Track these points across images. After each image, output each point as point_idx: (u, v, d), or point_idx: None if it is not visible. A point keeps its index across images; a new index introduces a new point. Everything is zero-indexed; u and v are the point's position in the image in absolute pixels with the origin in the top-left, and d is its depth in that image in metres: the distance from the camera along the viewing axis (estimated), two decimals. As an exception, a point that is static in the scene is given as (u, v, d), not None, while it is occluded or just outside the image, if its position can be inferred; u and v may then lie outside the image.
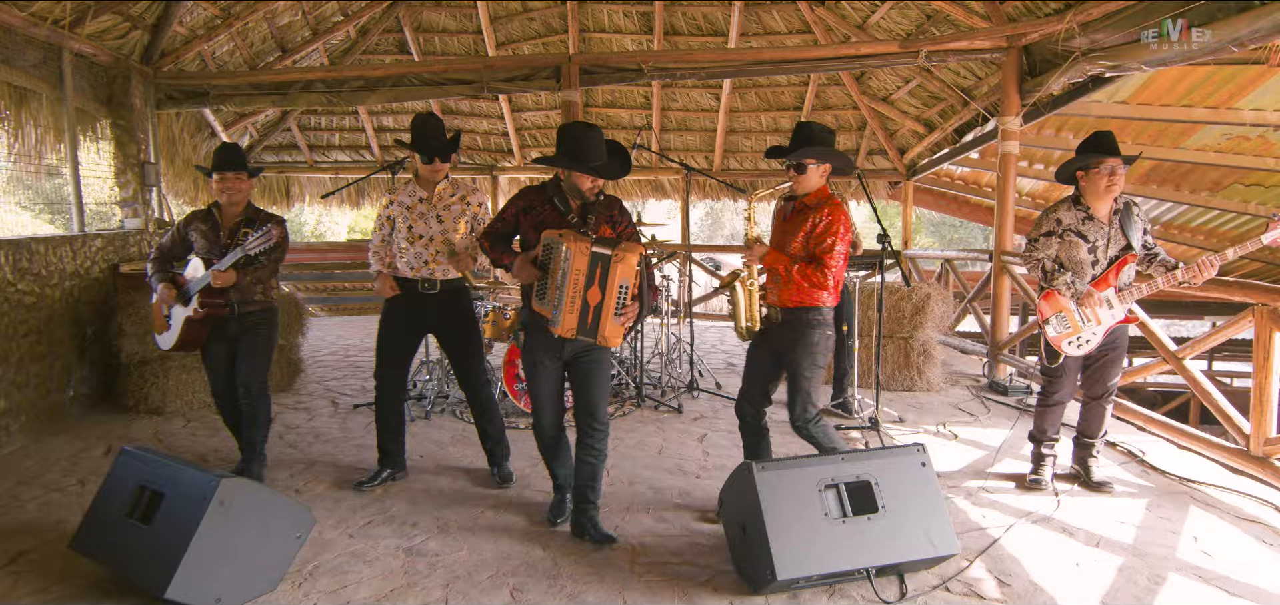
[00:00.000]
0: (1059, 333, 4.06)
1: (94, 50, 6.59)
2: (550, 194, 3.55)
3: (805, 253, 3.56)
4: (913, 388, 6.47)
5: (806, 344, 3.56)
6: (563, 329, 3.33)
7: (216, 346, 4.29)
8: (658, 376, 6.59)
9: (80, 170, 6.70)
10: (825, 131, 3.66)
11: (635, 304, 3.38)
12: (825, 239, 3.49)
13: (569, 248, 3.28)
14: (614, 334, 3.33)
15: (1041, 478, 4.27)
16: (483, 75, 7.44)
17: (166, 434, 5.33)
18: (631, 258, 3.26)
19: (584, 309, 3.30)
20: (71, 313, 5.75)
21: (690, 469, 4.61)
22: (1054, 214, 4.07)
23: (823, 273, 3.47)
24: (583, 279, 3.28)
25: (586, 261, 3.28)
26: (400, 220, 4.15)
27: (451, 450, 4.94)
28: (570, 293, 3.29)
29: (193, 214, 4.35)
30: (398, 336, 4.21)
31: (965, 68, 7.63)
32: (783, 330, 3.65)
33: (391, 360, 4.22)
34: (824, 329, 3.58)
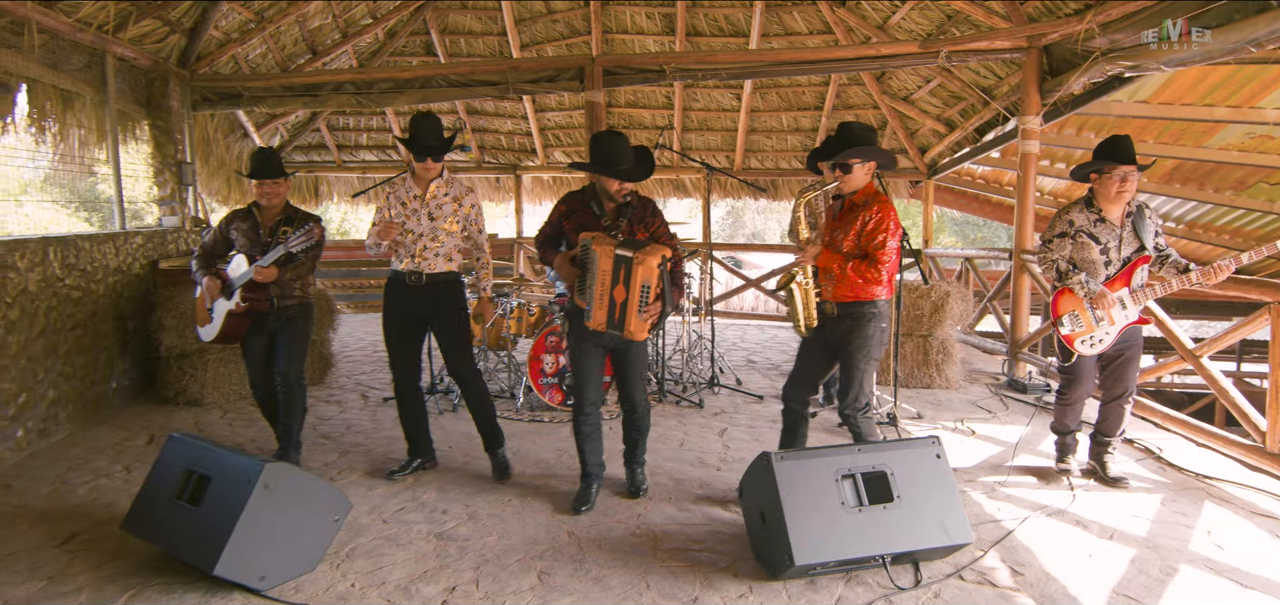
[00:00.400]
0: (1072, 331, 4.12)
1: (135, 54, 6.82)
2: (587, 199, 3.88)
3: (858, 249, 3.69)
4: (931, 385, 6.53)
5: (862, 336, 3.69)
6: (594, 323, 3.68)
7: (255, 338, 4.48)
8: (679, 372, 6.71)
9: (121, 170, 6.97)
10: (867, 130, 3.80)
11: (658, 303, 3.66)
12: (877, 236, 3.62)
13: (596, 250, 3.63)
14: (638, 329, 3.65)
15: (1069, 466, 4.38)
16: (508, 77, 7.59)
17: (205, 424, 5.53)
18: (652, 261, 3.57)
19: (611, 305, 3.64)
20: (114, 307, 5.97)
21: (711, 461, 4.73)
22: (1067, 215, 4.14)
23: (876, 268, 3.60)
24: (609, 279, 3.62)
25: (611, 263, 3.61)
26: (394, 217, 4.24)
27: (479, 441, 5.07)
28: (598, 291, 3.64)
29: (233, 213, 4.53)
30: (395, 325, 4.30)
31: (985, 67, 7.67)
32: (838, 324, 3.78)
33: (395, 347, 4.32)
34: (879, 321, 3.71)
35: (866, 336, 3.70)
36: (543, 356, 5.72)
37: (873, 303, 3.69)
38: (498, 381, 6.41)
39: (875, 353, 3.75)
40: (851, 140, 3.73)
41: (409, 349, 4.35)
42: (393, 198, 4.28)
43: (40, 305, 5.05)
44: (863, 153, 3.71)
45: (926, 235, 10.20)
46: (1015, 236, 6.93)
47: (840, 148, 3.75)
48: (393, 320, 4.29)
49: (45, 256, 5.14)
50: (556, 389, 5.73)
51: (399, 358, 4.33)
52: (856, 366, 3.73)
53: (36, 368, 5.00)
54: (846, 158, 3.71)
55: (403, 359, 4.34)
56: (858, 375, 3.75)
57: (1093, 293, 4.02)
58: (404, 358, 4.34)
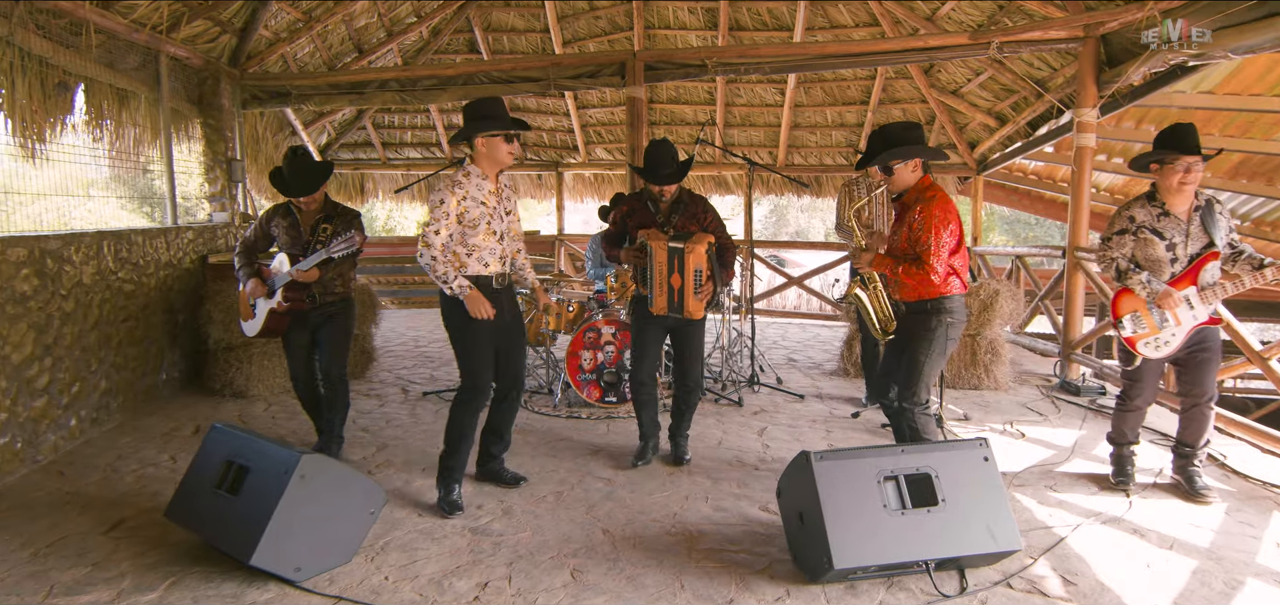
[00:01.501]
0: (1134, 333, 3.92)
1: (187, 53, 6.99)
2: (644, 199, 4.44)
3: (910, 252, 3.66)
4: (980, 386, 6.34)
5: (925, 332, 3.68)
6: (656, 308, 4.27)
7: (297, 333, 4.53)
8: (718, 370, 6.62)
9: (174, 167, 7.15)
10: (905, 128, 3.77)
11: (709, 284, 4.20)
12: (922, 237, 3.58)
13: (652, 245, 4.22)
14: (695, 308, 4.22)
15: (1128, 478, 4.16)
16: (550, 73, 7.59)
17: (249, 416, 5.62)
18: (700, 249, 4.14)
19: (670, 291, 4.22)
20: (164, 300, 6.12)
21: (749, 460, 4.64)
22: (1128, 211, 3.94)
23: (923, 272, 3.56)
24: (665, 269, 4.21)
25: (665, 255, 4.20)
26: (477, 214, 3.76)
27: (516, 438, 5.06)
28: (658, 280, 4.23)
29: (274, 209, 4.56)
30: (486, 334, 3.83)
31: (1039, 58, 7.41)
32: (908, 320, 3.79)
33: (487, 359, 3.88)
34: (944, 317, 3.65)
35: (929, 331, 3.66)
36: (581, 353, 5.69)
37: (938, 299, 3.63)
38: (536, 377, 6.41)
39: (938, 349, 3.69)
40: (888, 141, 3.73)
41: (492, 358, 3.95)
42: (470, 199, 3.73)
43: (94, 297, 5.19)
44: (900, 153, 3.68)
45: (975, 232, 9.93)
46: (1069, 234, 6.68)
47: (881, 146, 3.75)
48: (483, 329, 3.79)
49: (99, 250, 5.28)
50: (594, 385, 5.70)
51: (488, 367, 3.90)
52: (918, 362, 3.70)
53: (90, 358, 5.14)
54: (885, 161, 3.70)
55: (489, 370, 3.93)
56: (919, 371, 3.71)
57: (1155, 292, 3.81)
58: (490, 368, 3.94)
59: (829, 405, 5.91)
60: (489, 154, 3.77)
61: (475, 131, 3.74)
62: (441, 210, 3.69)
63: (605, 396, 5.67)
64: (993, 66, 7.91)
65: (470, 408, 3.88)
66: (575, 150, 11.12)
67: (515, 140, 3.84)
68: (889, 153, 3.67)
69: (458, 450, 3.88)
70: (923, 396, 3.75)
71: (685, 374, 4.46)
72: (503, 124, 3.76)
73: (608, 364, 5.64)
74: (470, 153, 3.81)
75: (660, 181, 4.26)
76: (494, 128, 3.73)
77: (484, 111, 3.77)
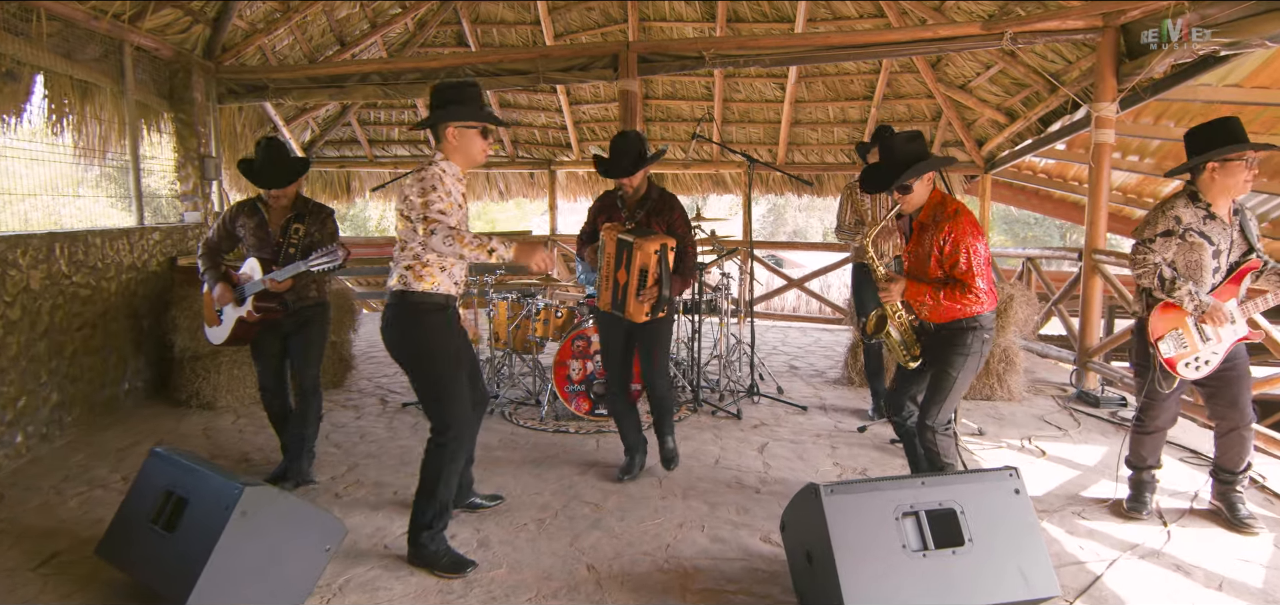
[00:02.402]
0: (1176, 352, 3.54)
1: (155, 44, 6.61)
2: (614, 195, 4.20)
3: (943, 275, 3.35)
4: (992, 396, 5.98)
5: (960, 347, 3.38)
6: (600, 302, 4.05)
7: (268, 340, 4.16)
8: (716, 379, 6.27)
9: (144, 164, 6.77)
10: (912, 140, 3.46)
11: (654, 288, 3.85)
12: (958, 260, 3.28)
13: (603, 235, 3.98)
14: (636, 310, 3.88)
15: (1143, 505, 3.79)
16: (538, 65, 7.22)
17: (215, 430, 5.26)
18: (650, 247, 3.81)
19: (614, 287, 3.94)
20: (128, 306, 5.76)
21: (749, 482, 4.28)
22: (1172, 211, 3.55)
23: (969, 292, 3.28)
24: (613, 261, 3.93)
25: (615, 247, 3.92)
26: (460, 216, 3.23)
27: (498, 454, 4.71)
28: (604, 272, 3.97)
29: (239, 206, 4.17)
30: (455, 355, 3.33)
31: (1054, 50, 7.05)
32: (937, 338, 3.48)
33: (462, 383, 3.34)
34: (980, 333, 3.38)
35: (964, 347, 3.37)
36: (569, 362, 5.33)
37: (974, 318, 3.37)
38: (522, 386, 6.05)
39: (972, 366, 3.41)
40: (900, 157, 3.41)
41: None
42: (452, 193, 3.17)
43: (43, 304, 4.81)
44: (918, 170, 3.37)
45: (983, 233, 9.56)
46: (1086, 235, 6.33)
47: (887, 165, 3.45)
48: (458, 358, 3.33)
49: (50, 253, 4.91)
50: (583, 397, 5.33)
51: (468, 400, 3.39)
52: (948, 379, 3.42)
53: (39, 369, 4.77)
54: (905, 181, 3.38)
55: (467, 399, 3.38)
56: (947, 389, 3.43)
57: (1205, 306, 3.42)
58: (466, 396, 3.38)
59: (834, 418, 5.55)
60: (461, 148, 3.20)
61: (447, 118, 3.16)
62: (442, 190, 3.08)
63: (595, 409, 5.31)
64: (1004, 59, 7.55)
65: (459, 460, 3.28)
66: (568, 148, 10.75)
67: (491, 137, 3.37)
68: (910, 172, 3.35)
69: (448, 508, 3.28)
70: (945, 418, 3.43)
71: (650, 384, 4.19)
72: (480, 114, 3.23)
73: (597, 374, 5.28)
74: (437, 145, 3.26)
75: (617, 174, 4.00)
76: (470, 116, 3.19)
77: (458, 96, 3.18)
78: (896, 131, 3.82)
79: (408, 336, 3.23)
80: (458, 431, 3.24)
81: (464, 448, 3.32)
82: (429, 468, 3.24)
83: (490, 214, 21.28)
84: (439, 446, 3.23)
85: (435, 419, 3.26)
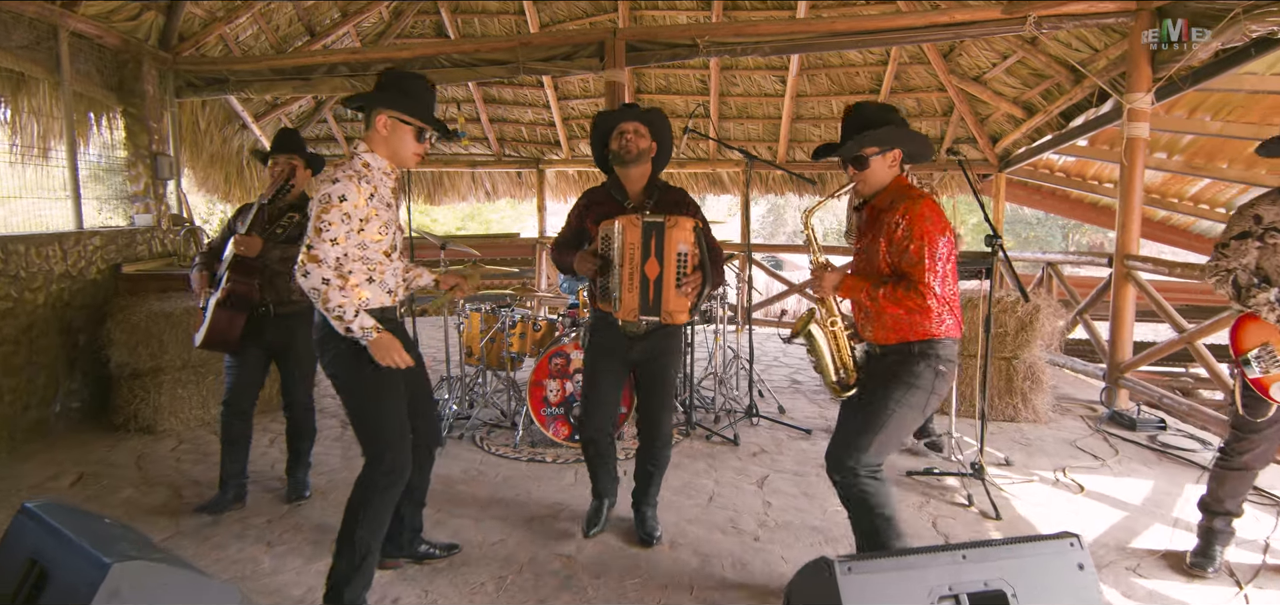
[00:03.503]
0: (1268, 372, 2.99)
1: (98, 31, 6.05)
2: (608, 189, 3.40)
3: (892, 270, 2.67)
4: (1016, 417, 5.41)
5: (905, 376, 2.67)
6: (624, 311, 3.19)
7: (251, 349, 3.78)
8: (711, 397, 5.70)
9: (88, 163, 6.21)
10: (884, 110, 2.78)
11: (697, 274, 3.14)
12: (908, 248, 2.61)
13: (620, 223, 3.18)
14: (678, 308, 3.15)
15: (1210, 560, 3.22)
16: (519, 54, 6.65)
17: (149, 458, 4.68)
18: (686, 222, 3.12)
19: (644, 285, 3.15)
20: (59, 319, 5.20)
21: (747, 526, 3.71)
22: (1252, 209, 3.01)
23: (919, 292, 2.58)
24: (638, 252, 3.14)
25: (639, 233, 3.15)
26: (386, 219, 2.77)
27: (461, 489, 4.15)
28: (627, 270, 3.16)
29: (244, 206, 3.94)
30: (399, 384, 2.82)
31: (1079, 37, 6.48)
32: (882, 362, 2.77)
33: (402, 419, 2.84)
34: (933, 363, 2.67)
35: (912, 377, 2.66)
36: (546, 382, 4.76)
37: (927, 342, 2.66)
38: (494, 405, 5.48)
39: (918, 400, 2.68)
40: (863, 125, 2.72)
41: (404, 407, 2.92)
42: (377, 199, 2.71)
43: (-53, 319, 4.25)
44: (880, 138, 2.70)
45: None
46: (1117, 239, 5.77)
47: (849, 136, 2.75)
48: (395, 381, 2.78)
49: (-44, 262, 4.34)
50: (562, 421, 4.77)
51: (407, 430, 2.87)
52: (884, 408, 2.68)
53: (-59, 394, 4.21)
54: (855, 149, 2.71)
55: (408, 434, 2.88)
56: (880, 420, 2.68)
57: None
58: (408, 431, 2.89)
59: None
60: (390, 142, 2.74)
61: (381, 104, 2.73)
62: (340, 211, 2.59)
63: (574, 435, 4.74)
64: (1023, 48, 6.98)
65: (391, 495, 2.78)
66: (557, 145, 10.18)
67: (427, 141, 2.83)
68: (863, 137, 2.68)
69: (371, 556, 2.78)
70: (878, 459, 2.74)
71: (653, 428, 3.39)
72: (419, 112, 2.75)
73: (577, 395, 4.71)
74: (366, 132, 2.78)
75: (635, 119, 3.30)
76: (407, 110, 2.73)
77: (402, 87, 2.77)
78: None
79: (336, 354, 2.74)
80: (392, 462, 2.74)
81: (398, 481, 2.78)
82: (353, 504, 2.74)
83: (483, 215, 20.70)
84: (368, 480, 2.74)
85: (367, 447, 2.77)
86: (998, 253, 3.91)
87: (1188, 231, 8.98)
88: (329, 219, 2.59)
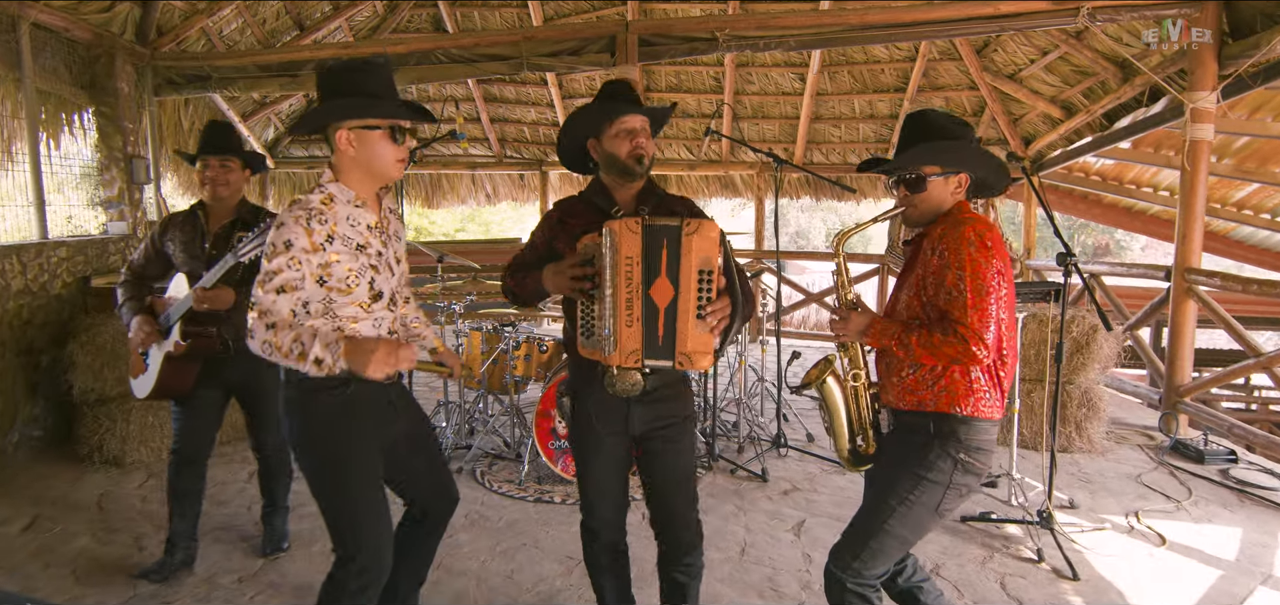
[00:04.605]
0: None
1: (65, 23, 5.56)
2: (589, 196, 2.42)
3: (923, 312, 2.14)
4: (1069, 447, 4.93)
5: (916, 464, 2.10)
6: (621, 355, 2.18)
7: (208, 393, 3.25)
8: (733, 423, 5.22)
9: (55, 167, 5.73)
10: (952, 122, 2.22)
11: (725, 300, 2.19)
12: (945, 278, 2.06)
13: (612, 229, 2.16)
14: (699, 347, 2.17)
15: None
16: (522, 49, 6.17)
17: (113, 497, 4.20)
18: (710, 228, 2.14)
19: (649, 315, 2.17)
20: (18, 339, 4.73)
21: (787, 587, 3.23)
22: None
23: (957, 338, 1.99)
24: (639, 269, 2.15)
25: (640, 244, 2.15)
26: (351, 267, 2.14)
27: (462, 538, 3.66)
28: (624, 296, 2.16)
29: (170, 218, 3.36)
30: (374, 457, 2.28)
31: (1131, 31, 5.98)
32: (891, 440, 2.24)
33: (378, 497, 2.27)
34: (953, 450, 2.08)
35: (928, 466, 2.09)
36: (554, 412, 4.28)
37: (953, 418, 2.09)
38: (499, 435, 4.99)
39: (928, 501, 2.10)
40: (925, 135, 2.18)
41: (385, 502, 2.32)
42: (340, 240, 2.12)
43: (-121, 346, 3.77)
44: (944, 156, 2.15)
45: (1028, 243, 8.52)
46: (1177, 251, 5.29)
47: (907, 147, 2.21)
48: (369, 455, 2.25)
49: (-109, 280, 3.86)
50: (572, 456, 4.27)
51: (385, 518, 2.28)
52: (885, 507, 2.13)
53: (-127, 430, 3.72)
54: (911, 163, 2.17)
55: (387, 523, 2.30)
56: (878, 522, 2.14)
57: None
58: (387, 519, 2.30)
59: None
60: (361, 160, 2.14)
61: (332, 117, 2.12)
62: (284, 258, 2.03)
63: (586, 472, 4.24)
64: (1067, 42, 6.49)
65: (366, 599, 2.21)
66: (561, 146, 9.68)
67: (407, 139, 2.19)
68: (924, 150, 2.17)
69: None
70: (872, 571, 2.17)
71: (676, 528, 2.44)
72: (381, 107, 2.13)
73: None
74: (329, 158, 2.20)
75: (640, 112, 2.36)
76: (365, 112, 2.12)
77: (348, 84, 2.12)
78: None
79: (294, 427, 2.19)
80: (366, 563, 2.18)
81: (374, 582, 2.22)
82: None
83: (482, 218, 20.23)
84: (337, 582, 2.19)
85: (336, 542, 2.21)
86: (1071, 273, 3.40)
87: (1227, 238, 8.49)
88: (274, 266, 2.04)
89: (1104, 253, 22.59)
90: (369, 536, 2.19)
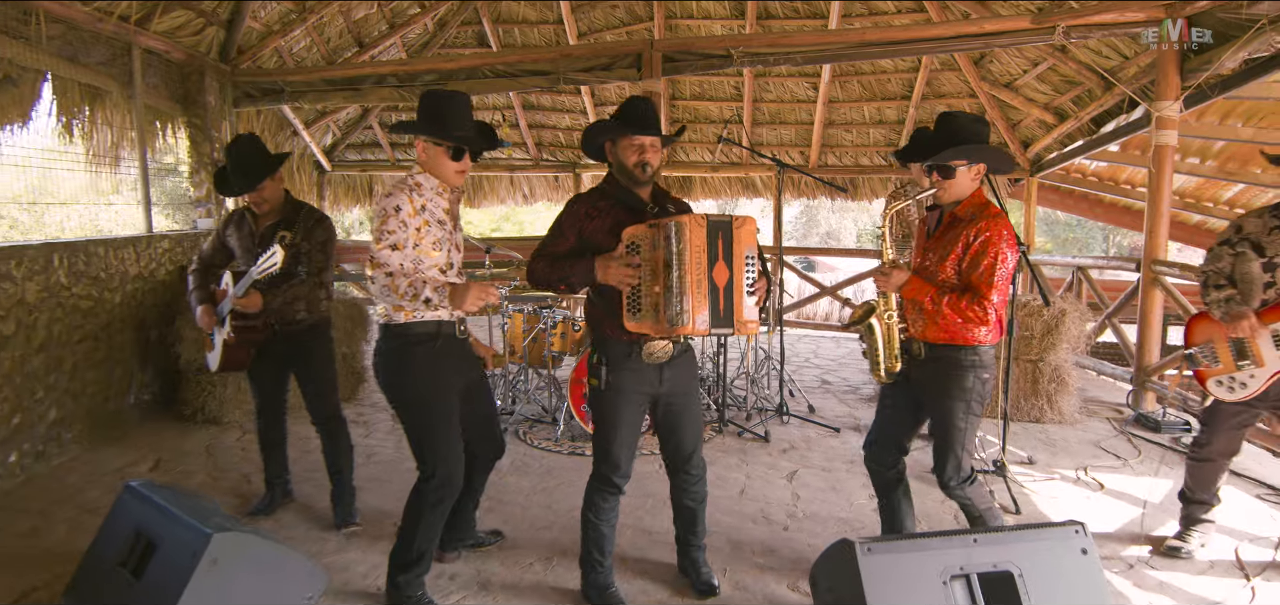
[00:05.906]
0: (1205, 366, 3.22)
1: (167, 46, 6.44)
2: (616, 193, 2.93)
3: (958, 279, 2.88)
4: (1041, 418, 5.55)
5: (960, 390, 2.91)
6: (691, 327, 2.70)
7: (263, 367, 3.86)
8: (742, 396, 5.92)
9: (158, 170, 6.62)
10: (975, 122, 2.98)
11: (764, 280, 2.88)
12: (981, 262, 2.82)
13: (680, 222, 2.69)
14: (751, 318, 2.81)
15: (1186, 546, 3.44)
16: (559, 65, 6.93)
17: (218, 447, 5.04)
18: (751, 223, 2.81)
19: (713, 294, 2.74)
20: (134, 317, 5.58)
21: (776, 516, 3.94)
22: (1239, 221, 3.27)
23: (982, 306, 2.79)
24: (704, 256, 2.72)
25: (704, 234, 2.72)
26: (437, 236, 2.92)
27: (509, 479, 4.42)
28: (693, 278, 2.69)
29: (231, 215, 3.90)
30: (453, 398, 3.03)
31: (1109, 46, 6.58)
32: (926, 370, 2.99)
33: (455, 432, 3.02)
34: (979, 372, 2.90)
35: (965, 390, 2.90)
36: (586, 379, 5.02)
37: (974, 349, 2.89)
38: (536, 402, 5.76)
39: (977, 409, 2.93)
40: (956, 135, 2.90)
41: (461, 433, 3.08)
42: (428, 212, 2.88)
43: (40, 317, 4.63)
44: (969, 153, 2.87)
45: (1028, 240, 9.07)
46: (1145, 244, 5.87)
47: (940, 143, 2.92)
48: (451, 396, 2.99)
49: (47, 264, 4.72)
50: (601, 417, 5.02)
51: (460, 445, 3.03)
52: (954, 427, 2.93)
53: (35, 385, 4.58)
54: (947, 159, 2.88)
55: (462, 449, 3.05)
56: (955, 438, 2.93)
57: (1231, 313, 3.12)
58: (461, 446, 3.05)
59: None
60: (430, 164, 2.91)
61: (414, 130, 2.90)
62: (397, 220, 2.77)
63: (613, 430, 4.98)
64: (1053, 55, 7.09)
65: (443, 508, 2.96)
66: (593, 150, 10.45)
67: (465, 157, 2.93)
68: (958, 150, 2.87)
69: (426, 556, 2.99)
70: (966, 470, 2.99)
71: (683, 457, 3.06)
72: (445, 132, 2.85)
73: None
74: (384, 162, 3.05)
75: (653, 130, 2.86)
76: (437, 133, 2.85)
77: (433, 109, 2.89)
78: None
79: (390, 372, 2.96)
80: (443, 478, 2.94)
81: (449, 496, 2.98)
82: (410, 512, 2.98)
83: (517, 217, 21.10)
84: (421, 493, 2.96)
85: (420, 462, 2.98)
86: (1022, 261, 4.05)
87: (1222, 235, 8.95)
88: (388, 227, 2.77)
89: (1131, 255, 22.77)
90: (446, 457, 2.94)
